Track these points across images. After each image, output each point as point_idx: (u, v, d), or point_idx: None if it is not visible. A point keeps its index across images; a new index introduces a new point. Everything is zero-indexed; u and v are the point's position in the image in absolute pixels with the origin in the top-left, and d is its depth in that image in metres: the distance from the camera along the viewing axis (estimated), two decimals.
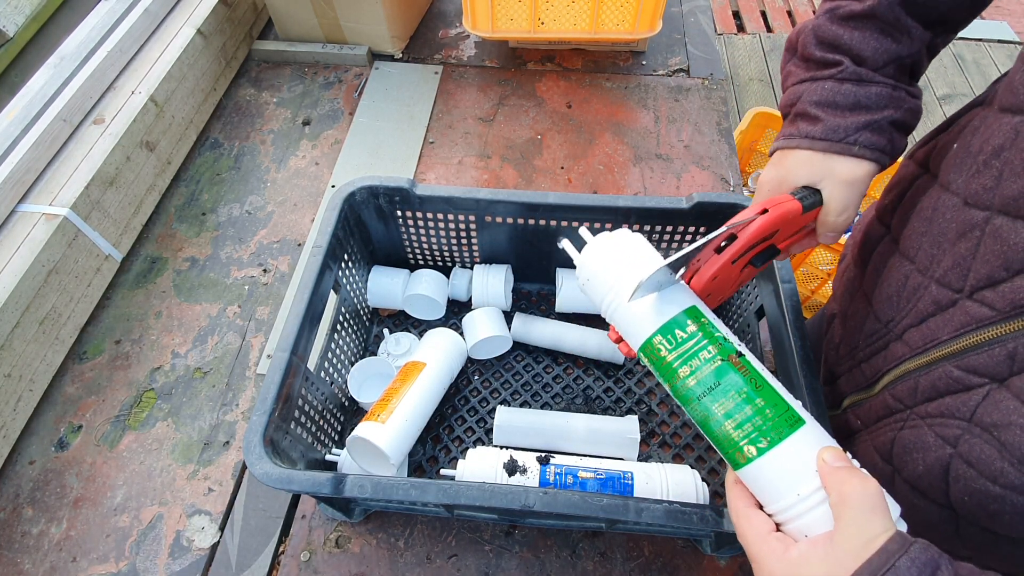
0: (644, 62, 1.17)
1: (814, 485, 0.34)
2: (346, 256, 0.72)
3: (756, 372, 0.37)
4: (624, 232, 0.46)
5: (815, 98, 0.46)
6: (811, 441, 0.36)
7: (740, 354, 0.38)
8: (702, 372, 0.38)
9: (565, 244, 0.49)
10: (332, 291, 0.69)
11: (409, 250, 0.81)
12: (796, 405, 0.37)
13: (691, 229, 0.72)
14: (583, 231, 0.49)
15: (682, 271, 0.43)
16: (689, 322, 0.39)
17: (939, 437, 0.40)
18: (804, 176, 0.46)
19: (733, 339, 0.40)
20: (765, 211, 0.44)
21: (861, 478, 0.34)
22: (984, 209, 0.38)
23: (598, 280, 0.44)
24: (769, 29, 2.68)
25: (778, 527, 0.37)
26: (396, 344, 0.78)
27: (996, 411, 0.36)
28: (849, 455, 0.36)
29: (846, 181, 0.45)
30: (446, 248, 0.80)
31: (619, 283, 0.41)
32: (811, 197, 0.46)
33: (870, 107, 0.44)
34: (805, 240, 0.51)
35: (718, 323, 0.41)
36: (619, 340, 0.45)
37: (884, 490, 0.34)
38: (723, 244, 0.44)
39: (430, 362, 0.70)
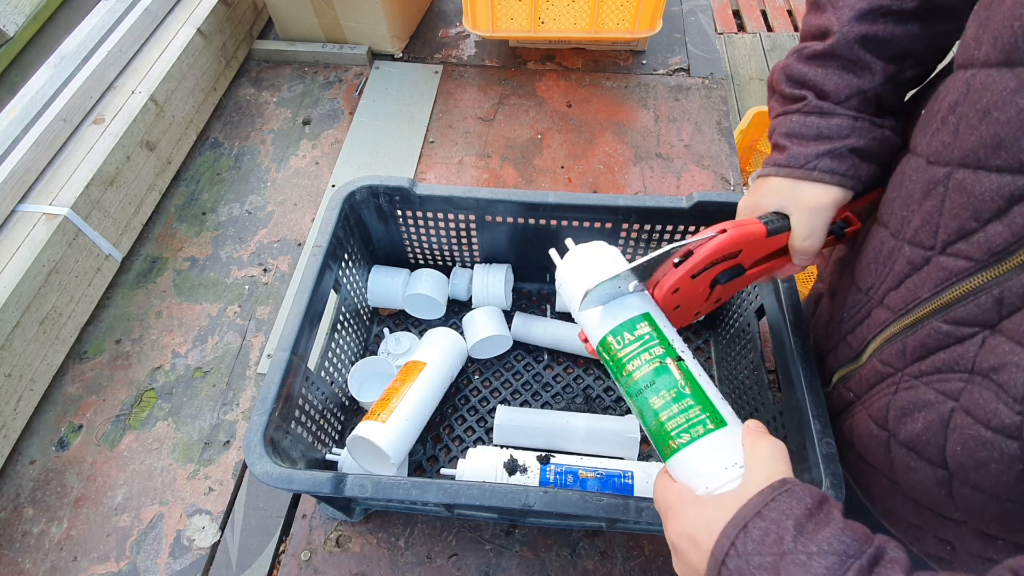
0: (644, 61, 1.17)
1: (731, 468, 0.39)
2: (346, 256, 0.72)
3: (690, 375, 0.42)
4: (598, 244, 0.50)
5: (784, 130, 0.50)
6: (729, 442, 0.40)
7: (679, 359, 0.42)
8: (644, 370, 0.42)
9: (552, 253, 0.53)
10: (332, 291, 0.69)
11: (409, 250, 0.81)
12: (724, 410, 0.41)
13: (691, 228, 0.72)
14: (568, 241, 0.52)
15: (643, 280, 0.46)
16: (640, 326, 0.44)
17: (940, 393, 0.41)
18: (774, 202, 0.49)
19: (680, 347, 0.44)
20: (725, 231, 0.47)
21: (772, 438, 0.39)
22: (944, 165, 0.39)
23: (567, 287, 0.49)
24: (769, 28, 2.68)
25: None
26: (396, 344, 0.78)
27: (993, 356, 0.36)
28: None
29: (810, 207, 0.47)
30: (446, 248, 0.80)
31: (581, 290, 0.44)
32: (778, 222, 0.49)
33: (831, 137, 0.47)
34: (787, 265, 0.53)
35: (669, 331, 0.45)
36: (585, 340, 0.49)
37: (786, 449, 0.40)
38: (679, 259, 0.46)
39: (430, 362, 0.70)
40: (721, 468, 0.38)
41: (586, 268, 0.49)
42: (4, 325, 0.70)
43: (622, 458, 0.69)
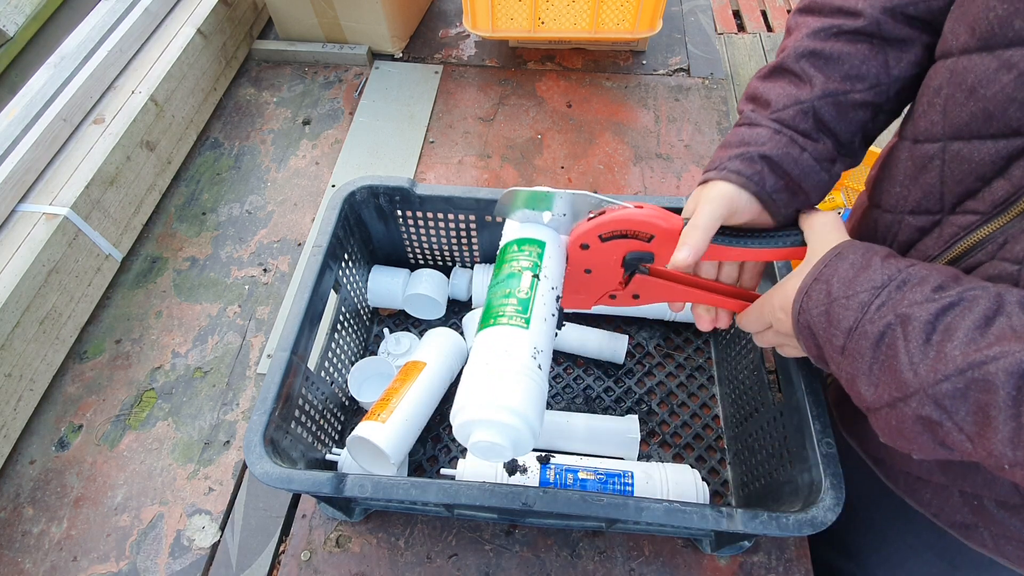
0: (644, 61, 1.17)
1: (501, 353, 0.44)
2: (346, 256, 0.72)
3: (533, 290, 0.47)
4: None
5: (721, 143, 0.52)
6: (521, 337, 0.44)
7: (536, 276, 0.48)
8: (506, 270, 0.49)
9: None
10: (332, 291, 0.69)
11: (409, 250, 0.81)
12: (535, 322, 0.45)
13: None
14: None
15: (561, 216, 0.50)
16: (530, 247, 0.50)
17: None
18: (690, 205, 0.51)
19: (547, 275, 0.48)
20: (641, 207, 0.49)
21: (824, 212, 0.47)
22: (935, 141, 0.43)
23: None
24: (769, 28, 2.68)
25: None
26: (396, 344, 0.78)
27: (999, 280, 0.39)
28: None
29: (707, 196, 0.48)
30: (446, 248, 0.80)
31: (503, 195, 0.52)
32: None
33: (749, 143, 0.49)
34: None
35: (551, 263, 0.49)
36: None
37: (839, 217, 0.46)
38: (593, 215, 0.49)
39: (430, 362, 0.70)
40: (493, 350, 0.43)
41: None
42: (4, 325, 0.70)
43: (622, 458, 0.69)
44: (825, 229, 0.45)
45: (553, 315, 0.48)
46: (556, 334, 0.49)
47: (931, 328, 0.34)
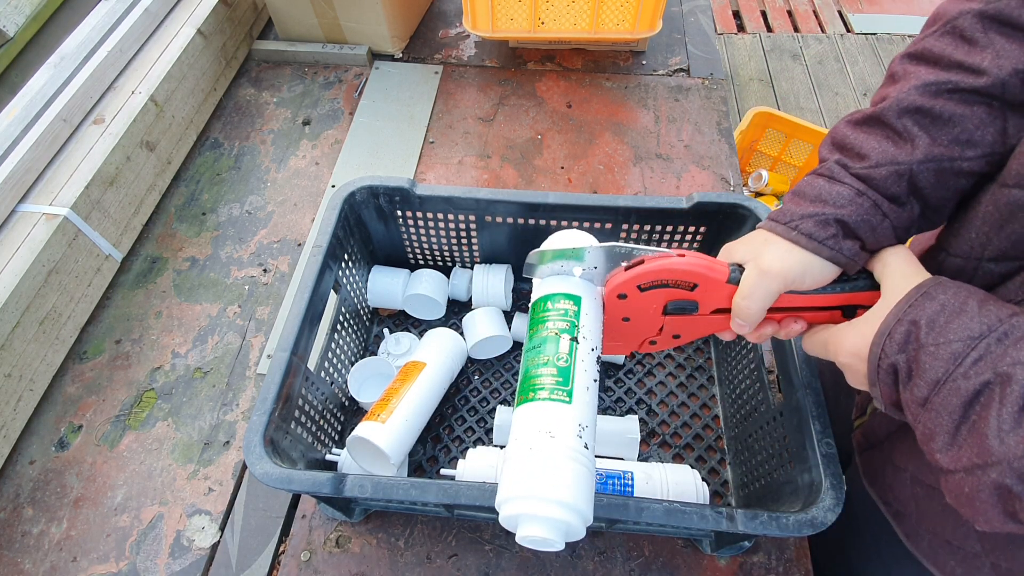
0: (644, 62, 1.17)
1: (542, 433, 0.41)
2: (346, 256, 0.72)
3: (572, 355, 0.45)
4: (576, 231, 0.55)
5: (794, 189, 0.47)
6: (565, 415, 0.42)
7: (575, 339, 0.46)
8: (542, 334, 0.46)
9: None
10: (332, 291, 0.69)
11: (409, 250, 0.81)
12: (578, 393, 0.43)
13: (691, 229, 0.72)
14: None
15: (594, 268, 0.48)
16: (564, 301, 0.48)
17: None
18: (745, 252, 0.46)
19: (586, 336, 0.46)
20: (683, 256, 0.46)
21: (896, 247, 0.43)
22: None
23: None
24: (769, 29, 2.68)
25: None
26: (396, 344, 0.78)
27: None
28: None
29: (762, 267, 0.44)
30: (446, 248, 0.80)
31: (533, 253, 0.51)
32: (740, 272, 0.46)
33: (827, 202, 0.44)
34: (727, 329, 0.50)
35: (588, 320, 0.47)
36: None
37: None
38: (630, 265, 0.46)
39: (430, 362, 0.70)
40: (536, 431, 0.41)
41: (551, 242, 0.52)
42: (4, 325, 0.70)
43: (622, 458, 0.69)
44: (901, 264, 0.41)
45: (595, 380, 0.45)
46: (600, 399, 0.46)
47: None
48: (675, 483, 0.62)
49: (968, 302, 0.36)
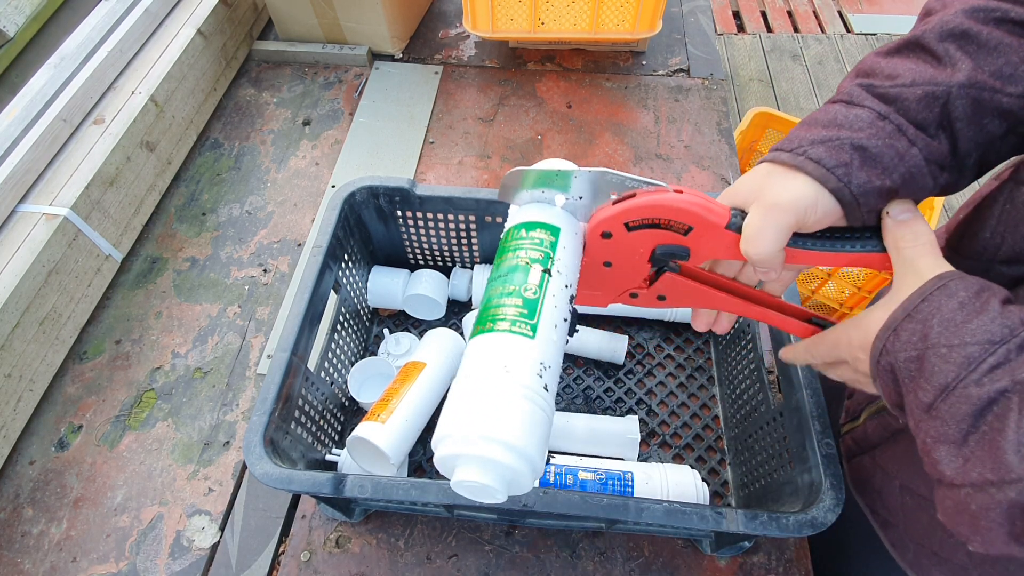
0: (644, 62, 1.17)
1: (500, 369, 0.37)
2: (346, 256, 0.72)
3: (543, 287, 0.39)
4: (560, 160, 0.49)
5: (805, 119, 0.42)
6: (524, 349, 0.37)
7: (547, 271, 0.40)
8: (511, 262, 0.41)
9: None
10: (332, 291, 0.69)
11: (409, 250, 0.81)
12: (544, 329, 0.38)
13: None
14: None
15: (578, 198, 0.44)
16: (541, 231, 0.42)
17: None
18: (744, 190, 0.40)
19: (560, 269, 0.41)
20: (680, 192, 0.40)
21: (911, 218, 0.37)
22: None
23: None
24: (769, 29, 2.68)
25: None
26: (396, 344, 0.78)
27: None
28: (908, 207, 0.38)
29: (768, 202, 0.38)
30: (446, 248, 0.80)
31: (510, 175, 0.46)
32: (741, 217, 0.40)
33: (842, 125, 0.38)
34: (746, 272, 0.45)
35: (564, 254, 0.42)
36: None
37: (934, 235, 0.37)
38: (620, 199, 0.41)
39: (430, 362, 0.70)
40: (489, 364, 0.36)
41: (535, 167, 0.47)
42: (4, 325, 0.70)
43: (622, 459, 0.69)
44: (917, 246, 0.36)
45: (565, 320, 0.40)
46: (567, 342, 0.40)
47: None
48: (675, 483, 0.62)
49: (991, 301, 0.32)
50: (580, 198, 0.43)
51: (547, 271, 0.40)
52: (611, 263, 0.44)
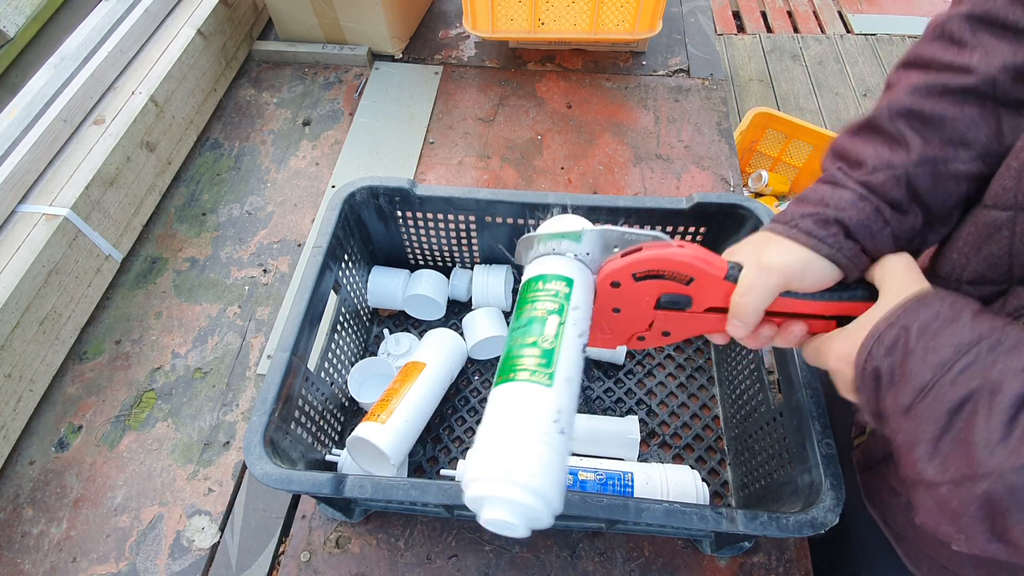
0: (644, 62, 1.17)
1: (524, 413, 0.40)
2: (346, 256, 0.72)
3: (559, 337, 0.43)
4: (571, 216, 0.53)
5: (798, 196, 0.47)
6: (542, 397, 0.39)
7: (563, 322, 0.43)
8: (529, 314, 0.45)
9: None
10: (332, 291, 0.69)
11: (409, 250, 0.81)
12: (560, 377, 0.40)
13: (691, 229, 0.72)
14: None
15: (588, 254, 0.47)
16: (556, 283, 0.46)
17: None
18: (743, 252, 0.46)
19: (575, 320, 0.44)
20: (682, 247, 0.44)
21: (899, 254, 0.42)
22: (1005, 209, 0.38)
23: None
24: (769, 29, 2.68)
25: None
26: (396, 344, 0.78)
27: None
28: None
29: (763, 263, 0.43)
30: (446, 248, 0.80)
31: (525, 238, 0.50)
32: (738, 270, 0.44)
33: (828, 204, 0.44)
34: (720, 332, 0.49)
35: (577, 302, 0.45)
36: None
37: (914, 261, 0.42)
38: (626, 253, 0.45)
39: (430, 362, 0.70)
40: (510, 412, 0.39)
41: (545, 227, 0.51)
42: (4, 326, 0.70)
43: (622, 459, 0.69)
44: (901, 272, 0.41)
45: (580, 368, 0.43)
46: (582, 383, 0.43)
47: (1021, 404, 0.30)
48: (675, 484, 0.62)
49: (963, 312, 0.35)
50: (588, 253, 0.47)
51: (563, 322, 0.43)
52: (620, 309, 0.48)
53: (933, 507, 0.33)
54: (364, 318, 0.80)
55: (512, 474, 0.36)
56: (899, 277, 0.40)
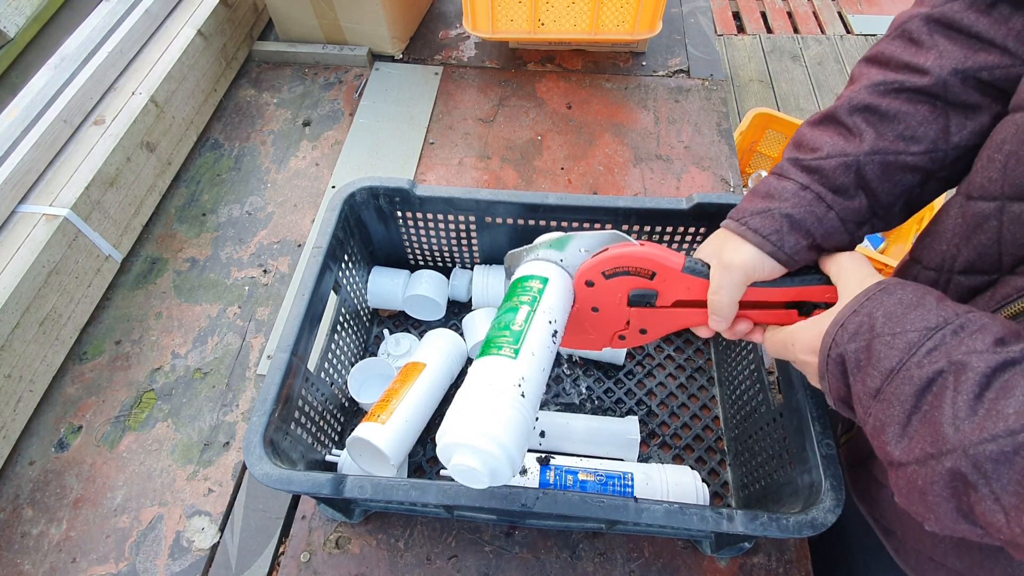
0: (644, 63, 1.17)
1: (490, 384, 0.45)
2: (346, 257, 0.72)
3: (528, 322, 0.48)
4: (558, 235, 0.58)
5: (752, 187, 0.50)
6: (505, 367, 0.45)
7: (532, 310, 0.49)
8: (507, 304, 0.51)
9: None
10: (332, 292, 0.69)
11: (409, 251, 0.81)
12: (525, 353, 0.46)
13: (691, 230, 0.72)
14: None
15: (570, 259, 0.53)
16: (533, 283, 0.52)
17: None
18: (708, 250, 0.50)
19: (545, 309, 0.49)
20: (644, 245, 0.49)
21: (849, 252, 0.45)
22: (992, 200, 0.39)
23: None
24: (769, 30, 2.68)
25: None
26: (396, 345, 0.78)
27: None
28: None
29: (723, 262, 0.47)
30: (446, 249, 0.80)
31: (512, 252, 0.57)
32: (699, 266, 0.49)
33: (774, 197, 0.46)
34: (703, 325, 0.52)
35: (551, 299, 0.50)
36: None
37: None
38: (597, 253, 0.50)
39: (430, 363, 0.70)
40: (479, 379, 0.45)
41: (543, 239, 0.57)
42: (4, 326, 0.70)
43: (622, 459, 0.69)
44: (857, 267, 0.43)
45: (549, 348, 0.48)
46: (553, 360, 0.49)
47: (986, 382, 0.31)
48: (675, 484, 0.62)
49: (926, 298, 0.36)
50: (562, 260, 0.53)
51: (533, 310, 0.49)
52: (598, 308, 0.53)
53: (904, 487, 0.34)
54: (364, 318, 0.80)
55: (477, 426, 0.41)
56: (856, 273, 0.43)
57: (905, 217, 0.47)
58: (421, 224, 0.75)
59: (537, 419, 0.71)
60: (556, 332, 0.49)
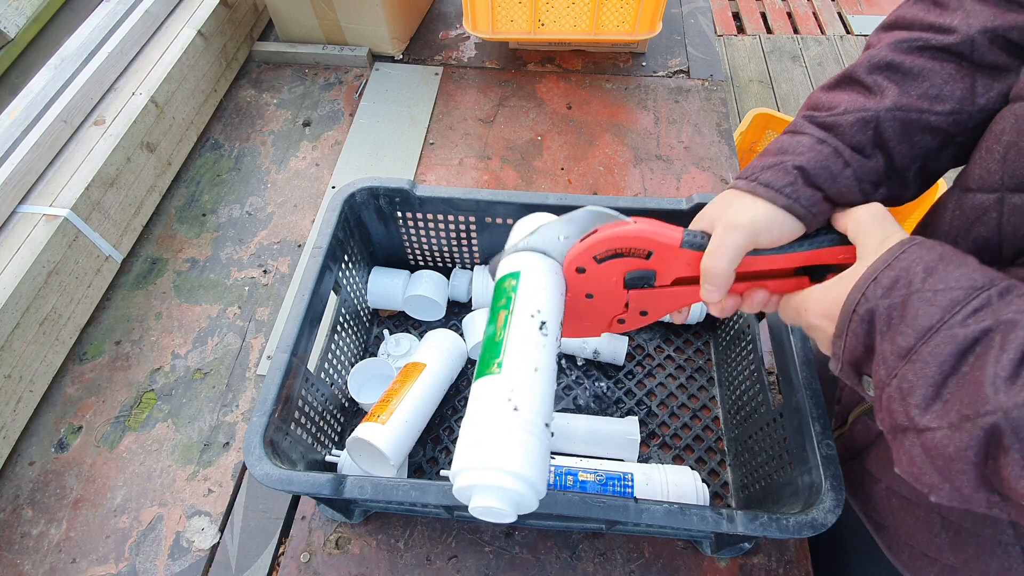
0: (644, 63, 1.17)
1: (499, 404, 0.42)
2: (346, 257, 0.72)
3: (503, 329, 0.44)
4: (535, 215, 0.55)
5: (763, 150, 0.46)
6: (494, 387, 0.41)
7: (509, 312, 0.45)
8: (491, 314, 0.47)
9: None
10: (332, 292, 0.69)
11: (409, 251, 0.81)
12: (508, 360, 0.42)
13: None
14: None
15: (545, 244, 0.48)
16: (508, 281, 0.47)
17: None
18: (710, 214, 0.45)
19: (522, 304, 0.45)
20: (635, 222, 0.44)
21: (865, 205, 0.41)
22: (991, 192, 0.38)
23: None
24: (769, 31, 2.68)
25: None
26: (396, 345, 0.78)
27: None
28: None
29: (727, 221, 0.43)
30: (446, 249, 0.80)
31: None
32: (699, 237, 0.44)
33: (787, 151, 0.43)
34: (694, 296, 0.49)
35: (527, 291, 0.46)
36: None
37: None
38: (585, 236, 0.45)
39: (430, 363, 0.70)
40: (482, 409, 0.41)
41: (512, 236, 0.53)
42: (4, 326, 0.70)
43: (622, 460, 0.69)
44: (876, 221, 0.39)
45: (538, 343, 0.44)
46: (557, 345, 0.45)
47: None
48: (675, 484, 0.62)
49: (967, 258, 0.34)
50: (544, 250, 0.48)
51: (509, 311, 0.45)
52: (592, 295, 0.48)
53: (920, 454, 0.32)
54: (364, 319, 0.80)
55: (485, 461, 0.38)
56: (877, 226, 0.39)
57: (918, 188, 0.45)
58: (421, 224, 0.75)
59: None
60: (544, 322, 0.45)
